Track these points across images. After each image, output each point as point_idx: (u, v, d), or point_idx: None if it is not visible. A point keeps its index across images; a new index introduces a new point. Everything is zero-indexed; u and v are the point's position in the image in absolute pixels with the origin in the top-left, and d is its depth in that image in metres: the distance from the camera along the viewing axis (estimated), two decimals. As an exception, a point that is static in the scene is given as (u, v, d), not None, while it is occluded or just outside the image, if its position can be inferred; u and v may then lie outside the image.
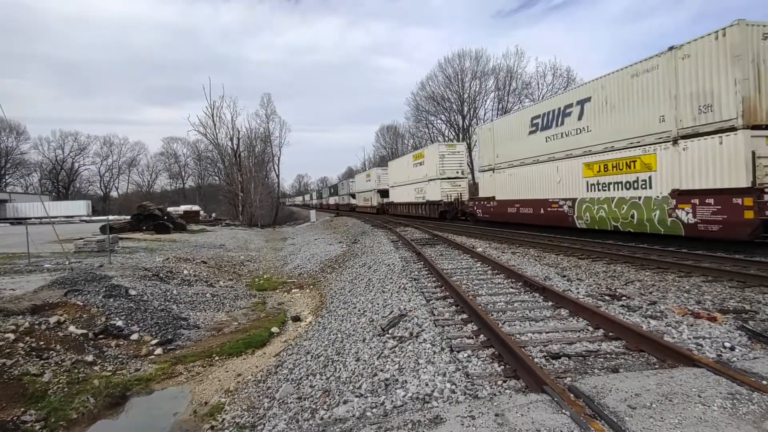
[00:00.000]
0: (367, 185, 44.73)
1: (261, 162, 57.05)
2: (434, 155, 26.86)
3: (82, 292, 9.45)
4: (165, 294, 10.88)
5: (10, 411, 5.37)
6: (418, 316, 6.12)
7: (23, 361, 6.30)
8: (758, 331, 4.84)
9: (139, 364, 7.34)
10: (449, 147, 27.14)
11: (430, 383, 4.02)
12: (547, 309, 6.20)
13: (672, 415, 2.83)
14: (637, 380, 3.43)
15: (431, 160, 27.27)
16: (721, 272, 7.89)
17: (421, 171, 29.02)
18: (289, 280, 15.19)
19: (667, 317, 5.53)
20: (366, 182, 45.31)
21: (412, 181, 30.92)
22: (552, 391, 3.28)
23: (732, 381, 3.30)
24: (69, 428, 5.40)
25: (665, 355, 4.14)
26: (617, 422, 2.79)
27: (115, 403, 6.09)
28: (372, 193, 42.19)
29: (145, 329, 8.51)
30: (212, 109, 49.36)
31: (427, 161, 27.96)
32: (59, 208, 52.61)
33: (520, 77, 47.41)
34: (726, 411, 2.86)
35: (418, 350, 4.93)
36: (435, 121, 55.33)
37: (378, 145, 76.91)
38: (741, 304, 6.11)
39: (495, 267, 9.39)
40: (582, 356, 4.41)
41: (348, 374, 5.07)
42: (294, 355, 6.96)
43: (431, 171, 27.23)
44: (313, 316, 9.91)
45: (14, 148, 71.86)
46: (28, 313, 7.82)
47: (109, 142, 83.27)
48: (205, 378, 6.93)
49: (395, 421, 3.08)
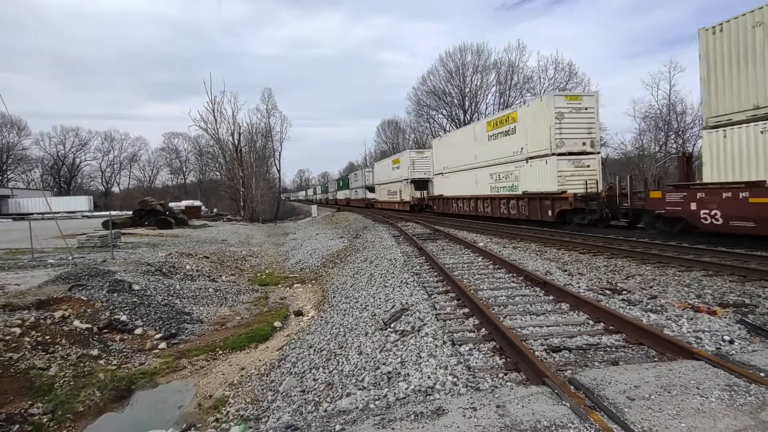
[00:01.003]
0: (393, 174, 34.26)
1: (262, 157, 57.07)
2: (549, 110, 15.03)
3: (86, 287, 9.53)
4: (168, 289, 10.95)
5: (17, 404, 5.45)
6: (419, 311, 6.17)
7: (29, 355, 6.38)
8: (758, 325, 4.89)
9: (143, 358, 7.42)
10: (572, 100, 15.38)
11: (432, 376, 4.08)
12: (548, 303, 6.24)
13: (670, 407, 2.87)
14: (637, 373, 3.48)
15: (538, 123, 15.73)
16: (722, 266, 7.92)
17: (511, 143, 17.68)
18: (291, 275, 15.26)
19: (667, 311, 5.57)
20: (392, 170, 34.57)
21: (490, 161, 19.51)
22: (552, 383, 3.33)
23: (730, 373, 3.34)
24: (76, 421, 5.48)
25: (665, 348, 4.18)
26: (616, 413, 2.84)
27: (120, 396, 6.18)
28: (402, 185, 31.97)
29: (149, 324, 8.59)
30: (213, 104, 49.29)
31: (527, 126, 16.51)
32: (61, 203, 52.73)
33: (521, 71, 47.27)
34: (723, 402, 2.91)
35: (420, 344, 4.98)
36: (436, 116, 55.26)
37: (379, 140, 76.69)
38: (741, 298, 6.15)
39: (496, 262, 9.43)
40: (582, 349, 4.45)
41: (351, 367, 5.13)
42: (297, 349, 7.03)
43: (538, 143, 15.78)
44: (316, 311, 9.99)
45: (16, 143, 71.91)
46: (33, 307, 7.90)
47: (110, 137, 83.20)
48: (209, 372, 7.01)
49: (398, 412, 3.13)
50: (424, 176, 30.26)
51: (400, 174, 32.25)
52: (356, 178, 50.47)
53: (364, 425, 3.00)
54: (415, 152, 32.35)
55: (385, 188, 37.24)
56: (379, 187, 39.23)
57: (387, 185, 36.34)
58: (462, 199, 22.72)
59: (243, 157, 51.38)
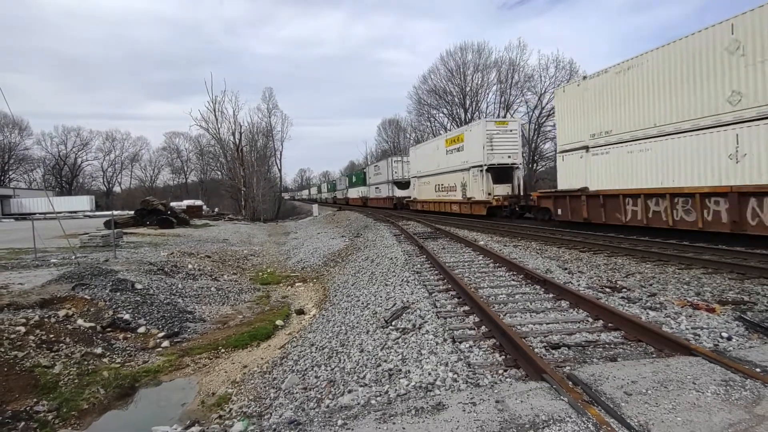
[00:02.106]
0: (449, 160, 23.44)
1: (263, 156, 57.13)
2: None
3: (89, 287, 9.59)
4: (170, 288, 11.02)
5: (23, 401, 5.52)
6: (420, 308, 6.22)
7: (34, 353, 6.45)
8: (756, 322, 4.93)
9: (146, 356, 7.48)
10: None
11: (432, 373, 4.13)
12: (547, 301, 6.29)
13: (666, 401, 2.92)
14: (634, 368, 3.52)
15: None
16: (721, 264, 7.96)
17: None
18: (293, 274, 15.32)
19: (666, 308, 5.62)
20: (446, 154, 23.80)
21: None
22: (551, 379, 3.38)
23: (726, 369, 3.39)
24: (80, 418, 5.55)
25: (663, 344, 4.23)
26: (613, 408, 2.89)
27: (124, 394, 6.23)
28: (465, 176, 21.33)
29: (151, 322, 8.65)
30: (214, 103, 49.40)
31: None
32: (63, 203, 52.92)
33: (522, 70, 47.22)
34: (719, 397, 2.96)
35: (420, 341, 5.03)
36: (437, 115, 55.25)
37: (380, 139, 76.64)
38: (740, 296, 6.19)
39: (497, 260, 9.48)
40: (581, 346, 4.50)
41: (352, 365, 5.18)
42: (299, 347, 7.08)
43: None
44: (317, 309, 10.04)
45: (17, 143, 72.11)
46: (37, 306, 7.96)
47: (111, 137, 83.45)
48: (211, 370, 7.07)
49: (399, 408, 3.18)
50: (507, 161, 19.77)
51: (464, 158, 21.66)
52: (377, 171, 39.88)
53: (365, 420, 3.05)
54: (495, 123, 20.29)
55: (430, 182, 26.85)
56: (420, 181, 28.90)
57: (434, 177, 25.88)
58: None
59: (244, 157, 51.46)
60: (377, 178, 40.03)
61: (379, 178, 39.15)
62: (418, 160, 29.33)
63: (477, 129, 20.65)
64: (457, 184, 22.63)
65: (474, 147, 20.60)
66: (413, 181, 30.02)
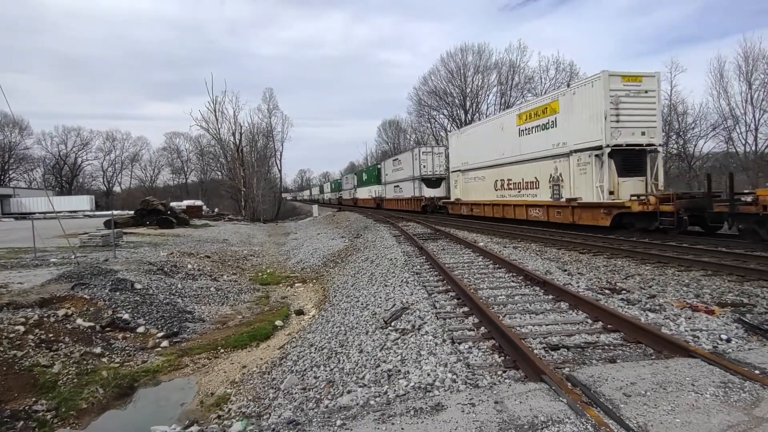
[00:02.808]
0: (514, 148, 17.67)
1: (263, 157, 57.12)
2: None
3: (89, 286, 9.59)
4: (170, 288, 11.01)
5: (22, 401, 5.51)
6: (420, 309, 6.22)
7: (33, 352, 6.44)
8: (755, 324, 4.93)
9: (146, 356, 7.48)
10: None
11: (431, 373, 4.13)
12: (547, 302, 6.29)
13: (665, 403, 2.92)
14: (633, 370, 3.53)
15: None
16: (721, 266, 7.96)
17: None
18: (293, 275, 15.32)
19: (665, 310, 5.62)
20: (511, 139, 17.86)
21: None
22: (550, 380, 3.38)
23: (725, 370, 3.39)
24: (79, 418, 5.54)
25: (662, 346, 4.23)
26: (612, 409, 2.89)
27: (123, 393, 6.23)
28: (557, 165, 15.05)
29: (151, 322, 8.65)
30: (214, 104, 49.44)
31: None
32: (63, 203, 52.90)
33: (522, 71, 47.26)
34: (718, 398, 2.96)
35: (420, 342, 5.03)
36: (437, 116, 55.25)
37: (380, 140, 76.56)
38: (739, 298, 6.19)
39: (496, 261, 9.48)
40: (581, 347, 4.50)
41: (351, 365, 5.18)
42: (298, 347, 7.08)
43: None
44: (317, 310, 10.04)
45: (18, 143, 72.08)
46: (36, 306, 7.96)
47: (111, 137, 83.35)
48: (210, 370, 7.07)
49: (398, 408, 3.18)
50: (641, 140, 13.04)
51: (559, 139, 14.84)
52: (398, 165, 32.83)
53: (364, 420, 3.05)
54: (623, 78, 12.99)
55: (485, 176, 19.89)
56: (466, 176, 22.13)
57: (494, 171, 19.10)
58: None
59: (244, 157, 51.48)
60: (397, 174, 32.73)
61: (401, 174, 31.89)
62: (464, 147, 22.46)
63: (589, 91, 13.22)
64: (541, 178, 15.77)
65: (582, 117, 13.43)
66: (454, 177, 23.80)
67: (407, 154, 31.00)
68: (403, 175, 31.52)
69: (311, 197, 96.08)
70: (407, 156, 30.77)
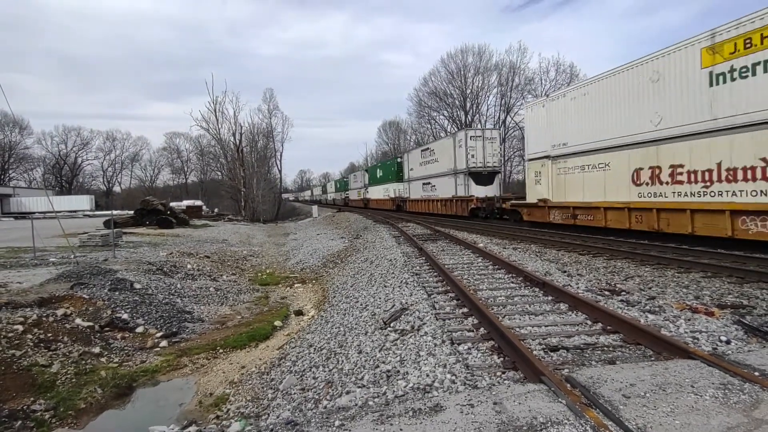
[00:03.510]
0: (672, 113, 10.49)
1: (263, 157, 57.16)
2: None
3: (88, 286, 9.57)
4: (169, 288, 11.00)
5: (20, 400, 5.50)
6: (419, 310, 6.21)
7: (32, 352, 6.43)
8: (755, 326, 4.92)
9: (144, 356, 7.47)
10: None
11: (430, 374, 4.12)
12: (546, 303, 6.28)
13: (665, 404, 2.92)
14: (633, 371, 3.52)
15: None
16: (721, 268, 7.95)
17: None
18: (292, 275, 15.31)
19: (665, 312, 5.61)
20: (669, 97, 10.57)
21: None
22: (549, 381, 3.37)
23: (725, 372, 3.38)
24: (77, 418, 5.53)
25: (661, 348, 4.22)
26: (611, 410, 2.89)
27: (122, 393, 6.22)
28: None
29: (150, 322, 8.64)
30: (215, 104, 49.49)
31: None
32: (62, 202, 52.93)
33: (522, 73, 47.34)
34: (717, 400, 2.95)
35: (419, 343, 5.02)
36: (437, 117, 55.30)
37: (380, 140, 76.61)
38: (739, 300, 6.19)
39: (496, 262, 9.47)
40: (580, 349, 4.49)
41: (350, 366, 5.17)
42: (297, 348, 7.07)
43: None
44: (316, 310, 10.03)
45: (18, 142, 72.12)
46: (35, 305, 7.95)
47: (111, 137, 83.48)
48: (209, 370, 7.06)
49: (396, 409, 3.18)
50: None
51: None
52: (429, 157, 26.35)
53: (363, 421, 3.04)
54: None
55: (619, 162, 12.49)
56: (569, 165, 14.72)
57: (648, 151, 11.51)
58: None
59: (244, 157, 51.50)
60: (428, 168, 26.25)
61: (434, 168, 25.30)
62: (561, 121, 14.88)
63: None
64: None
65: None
66: (534, 168, 16.41)
67: (446, 141, 24.10)
68: (437, 169, 24.74)
69: (312, 197, 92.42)
70: (445, 144, 23.84)
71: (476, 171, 21.51)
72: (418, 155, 28.50)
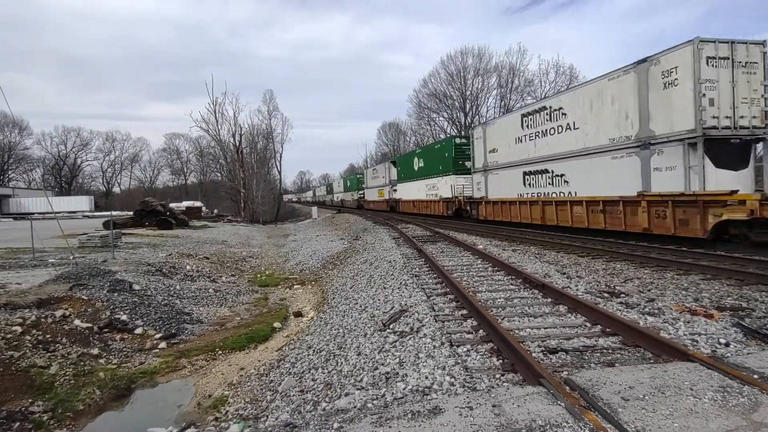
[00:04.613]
0: None
1: (263, 158, 57.16)
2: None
3: (87, 287, 9.56)
4: (168, 289, 10.99)
5: (18, 402, 5.49)
6: (418, 312, 6.21)
7: (30, 353, 6.42)
8: (754, 328, 4.92)
9: (143, 357, 7.45)
10: None
11: (429, 376, 4.12)
12: (546, 305, 6.28)
13: (664, 407, 2.91)
14: (632, 374, 3.51)
15: None
16: (720, 270, 7.95)
17: None
18: (291, 276, 15.30)
19: (664, 314, 5.61)
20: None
21: None
22: (548, 383, 3.37)
23: (724, 375, 3.38)
24: (76, 419, 5.52)
25: (660, 350, 4.22)
26: (610, 413, 2.88)
27: (120, 395, 6.21)
28: None
29: (149, 323, 8.63)
30: (214, 105, 49.53)
31: None
32: (62, 203, 52.82)
33: (522, 75, 47.41)
34: (716, 403, 2.95)
35: (418, 345, 5.02)
36: (437, 118, 55.33)
37: (380, 142, 76.64)
38: (738, 302, 6.18)
39: (495, 264, 9.47)
40: (579, 351, 4.49)
41: (349, 368, 5.16)
42: (296, 349, 7.07)
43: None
44: (315, 312, 10.02)
45: (17, 143, 72.09)
46: (34, 306, 7.94)
47: (111, 137, 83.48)
48: (208, 371, 7.05)
49: (395, 411, 3.17)
50: None
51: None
52: (543, 117, 14.99)
53: (361, 424, 3.03)
54: None
55: None
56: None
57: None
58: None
59: (244, 159, 51.51)
60: (500, 154, 18.06)
61: (571, 142, 13.96)
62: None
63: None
64: None
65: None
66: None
67: (482, 129, 16.11)
68: (480, 165, 17.21)
69: (315, 198, 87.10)
70: (482, 130, 16.38)
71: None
72: (509, 123, 17.47)
